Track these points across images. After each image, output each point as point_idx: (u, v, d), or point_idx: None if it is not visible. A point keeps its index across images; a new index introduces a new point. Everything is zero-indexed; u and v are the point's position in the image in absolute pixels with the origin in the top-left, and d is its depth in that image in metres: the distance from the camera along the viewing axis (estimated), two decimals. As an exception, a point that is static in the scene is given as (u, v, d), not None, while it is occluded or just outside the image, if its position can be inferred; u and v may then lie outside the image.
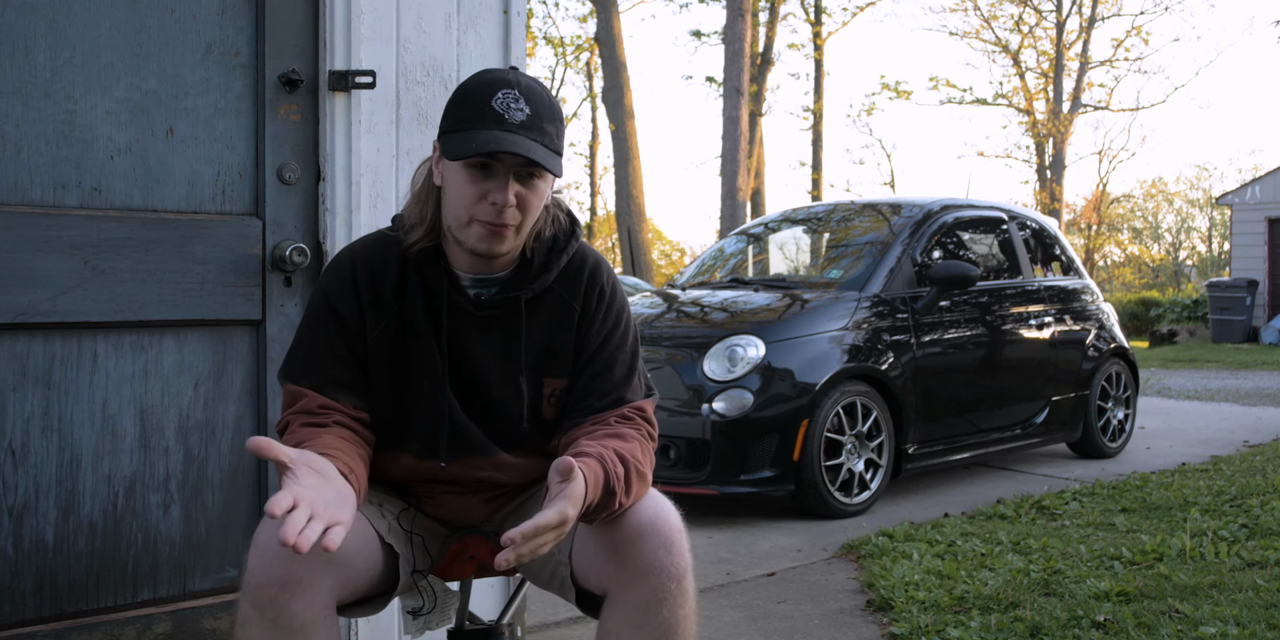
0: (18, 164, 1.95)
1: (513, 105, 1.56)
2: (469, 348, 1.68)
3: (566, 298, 1.72)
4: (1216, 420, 7.59)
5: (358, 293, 1.67)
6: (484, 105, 1.57)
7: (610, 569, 1.53)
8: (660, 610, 1.49)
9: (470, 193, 1.58)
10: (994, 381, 5.42)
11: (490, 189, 1.57)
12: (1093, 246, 30.63)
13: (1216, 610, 2.78)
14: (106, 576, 2.07)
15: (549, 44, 24.89)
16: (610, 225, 26.68)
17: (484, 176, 1.58)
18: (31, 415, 1.98)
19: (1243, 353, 13.82)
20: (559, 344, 1.71)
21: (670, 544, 1.51)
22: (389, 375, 1.68)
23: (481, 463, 1.71)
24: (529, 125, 1.57)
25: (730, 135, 15.72)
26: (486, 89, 1.58)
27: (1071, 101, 26.73)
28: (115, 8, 2.04)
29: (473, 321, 1.68)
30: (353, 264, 1.69)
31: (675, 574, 1.50)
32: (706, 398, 4.45)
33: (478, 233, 1.60)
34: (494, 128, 1.55)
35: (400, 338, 1.67)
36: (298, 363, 1.67)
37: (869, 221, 5.80)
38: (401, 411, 1.69)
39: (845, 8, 25.39)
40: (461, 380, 1.69)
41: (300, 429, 1.59)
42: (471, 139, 1.55)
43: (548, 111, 1.60)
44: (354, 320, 1.66)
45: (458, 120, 1.59)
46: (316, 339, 1.67)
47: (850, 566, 3.65)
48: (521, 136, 1.55)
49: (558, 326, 1.71)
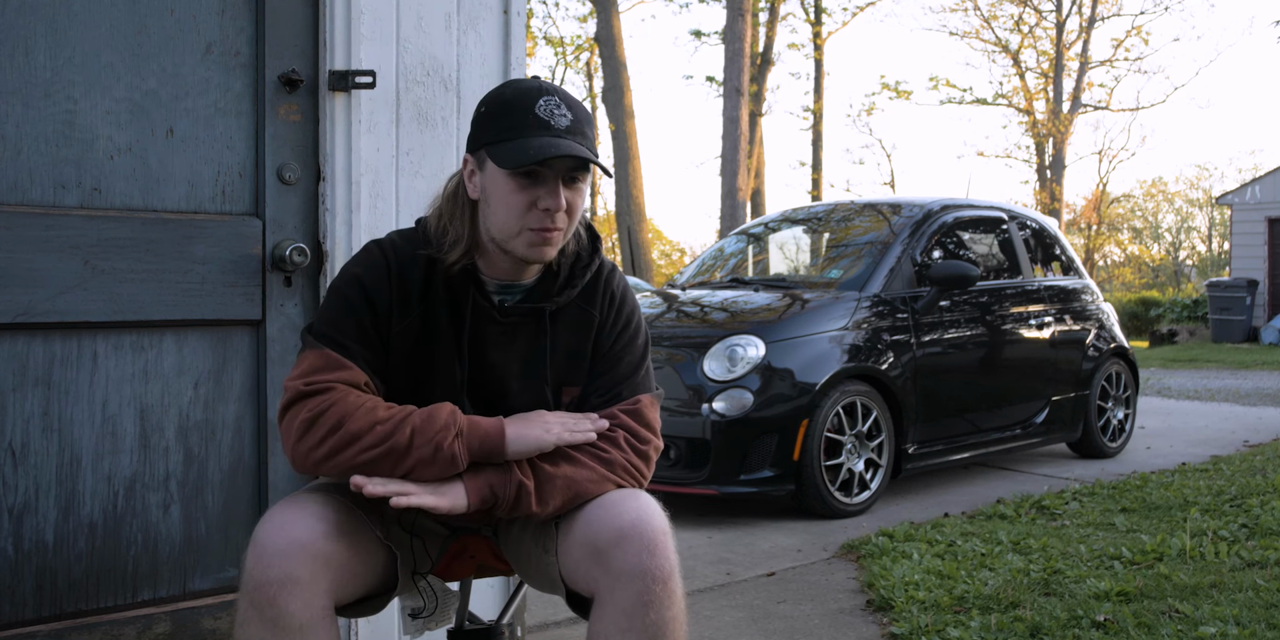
0: (18, 164, 1.95)
1: (556, 111, 1.58)
2: (490, 355, 1.68)
3: (585, 306, 1.73)
4: (1216, 420, 7.59)
5: (391, 284, 1.65)
6: (528, 113, 1.58)
7: (595, 572, 1.53)
8: (648, 613, 1.49)
9: (520, 201, 1.59)
10: (994, 381, 5.43)
11: (540, 195, 1.58)
12: (1093, 246, 30.62)
13: (1216, 610, 2.78)
14: (106, 576, 2.07)
15: (549, 44, 24.88)
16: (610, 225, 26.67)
17: (532, 184, 1.59)
18: (31, 415, 1.98)
19: (1243, 353, 13.82)
20: (579, 352, 1.73)
21: (654, 546, 1.51)
22: (406, 375, 1.67)
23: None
24: (574, 130, 1.59)
25: (730, 135, 15.72)
26: (527, 97, 1.60)
27: (1071, 101, 26.73)
28: (115, 8, 2.04)
29: (495, 328, 1.68)
30: (385, 257, 1.67)
31: (660, 576, 1.50)
32: (706, 398, 4.45)
33: (528, 240, 1.61)
34: (544, 134, 1.57)
35: (422, 339, 1.67)
36: (331, 335, 1.62)
37: (869, 221, 5.80)
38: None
39: (845, 8, 25.38)
40: (479, 387, 1.69)
41: (373, 398, 1.57)
42: (525, 147, 1.56)
43: (586, 117, 1.63)
44: (384, 307, 1.64)
45: (503, 130, 1.59)
46: (350, 318, 1.63)
47: (850, 566, 3.65)
48: (570, 141, 1.57)
49: (579, 335, 1.73)
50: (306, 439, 1.53)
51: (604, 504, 1.57)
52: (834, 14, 28.66)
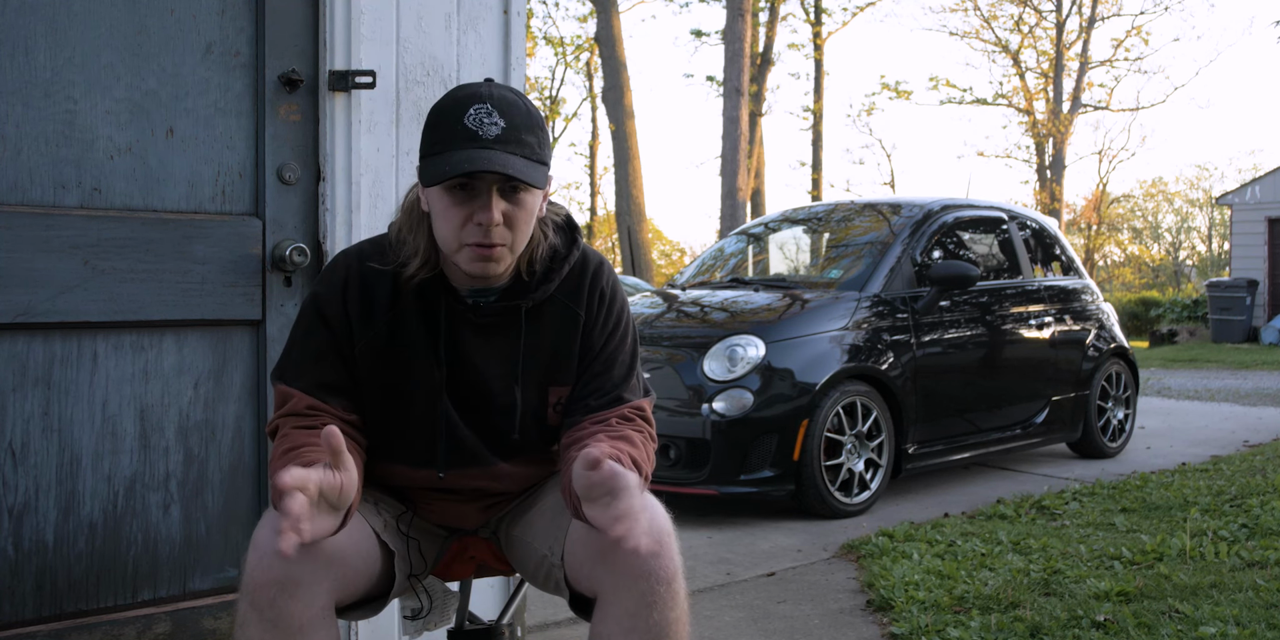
0: (18, 164, 1.95)
1: (485, 120, 1.51)
2: (468, 356, 1.66)
3: (569, 304, 1.69)
4: (1216, 420, 7.59)
5: (345, 303, 1.64)
6: (456, 124, 1.51)
7: (600, 573, 1.53)
8: (651, 614, 1.49)
9: (456, 217, 1.54)
10: (994, 381, 5.43)
11: (475, 209, 1.53)
12: (1093, 246, 30.63)
13: (1216, 610, 2.78)
14: (106, 576, 2.07)
15: (549, 44, 24.89)
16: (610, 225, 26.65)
17: (467, 198, 1.53)
18: (31, 415, 1.98)
19: (1243, 353, 13.82)
20: (564, 351, 1.69)
21: (659, 547, 1.50)
22: (382, 384, 1.66)
23: (478, 473, 1.70)
24: (505, 139, 1.51)
25: (730, 135, 15.72)
26: (458, 107, 1.53)
27: (1071, 101, 26.73)
28: (115, 8, 2.04)
29: (472, 329, 1.66)
30: (346, 271, 1.66)
31: (664, 577, 1.49)
32: (706, 398, 4.45)
33: (469, 256, 1.56)
34: (469, 146, 1.49)
35: (393, 347, 1.65)
36: (288, 364, 1.66)
37: (869, 221, 5.80)
38: (397, 421, 1.67)
39: (845, 8, 25.38)
40: (459, 389, 1.67)
41: (293, 431, 1.58)
42: (445, 161, 1.50)
43: (524, 121, 1.54)
44: (341, 327, 1.64)
45: (433, 143, 1.54)
46: (307, 342, 1.66)
47: (850, 566, 3.65)
48: (499, 151, 1.50)
49: (563, 333, 1.69)
50: None
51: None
52: (834, 14, 28.66)
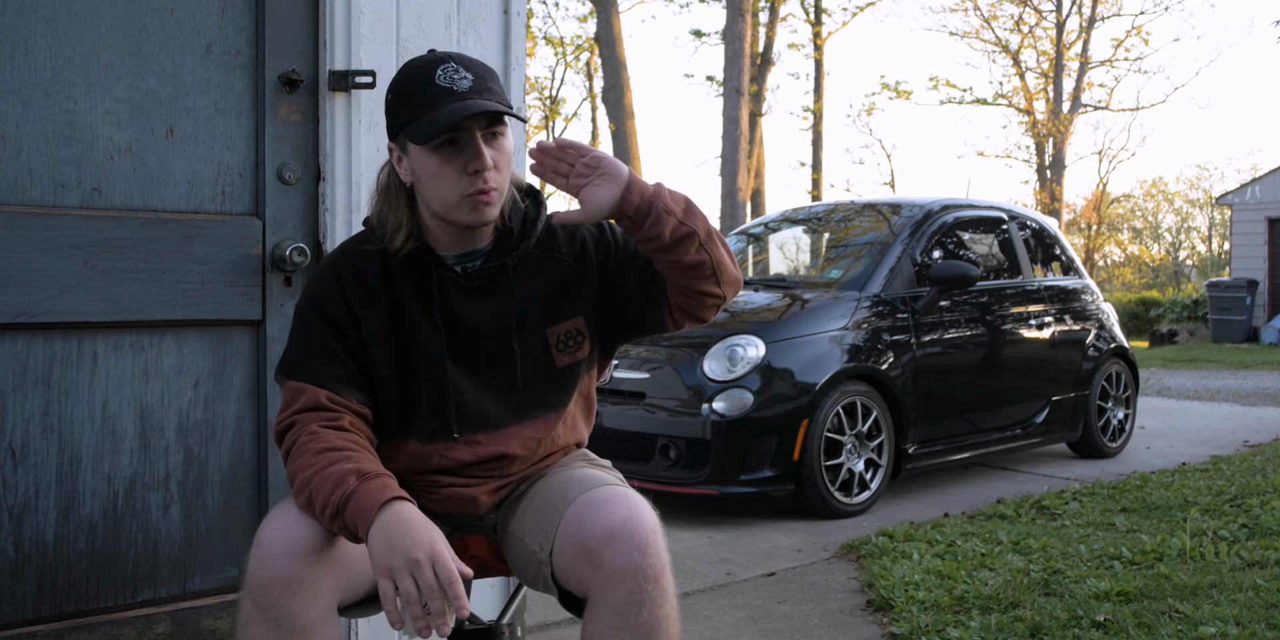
0: (18, 164, 1.95)
1: (456, 76, 1.59)
2: (465, 318, 1.71)
3: (547, 256, 1.76)
4: (1216, 420, 7.59)
5: (343, 292, 1.69)
6: (429, 87, 1.59)
7: (587, 572, 1.54)
8: (640, 612, 1.50)
9: (450, 172, 1.61)
10: (994, 381, 5.43)
11: (466, 160, 1.60)
12: (1093, 246, 30.62)
13: (1216, 610, 2.78)
14: (106, 576, 2.07)
15: (549, 44, 24.85)
16: (610, 225, 26.59)
17: (455, 152, 1.60)
18: (31, 415, 1.98)
19: (1243, 353, 13.82)
20: (557, 292, 1.75)
21: (645, 545, 1.51)
22: (391, 361, 1.70)
23: (486, 438, 1.73)
24: (479, 88, 1.60)
25: (730, 135, 15.72)
26: (424, 72, 1.61)
27: (1071, 101, 26.72)
28: (115, 8, 2.04)
29: (464, 294, 1.71)
30: (335, 265, 1.72)
31: (651, 575, 1.51)
32: (706, 397, 4.45)
33: (469, 206, 1.62)
34: (451, 101, 1.58)
35: (396, 322, 1.70)
36: (295, 361, 1.68)
37: (869, 221, 5.80)
38: (406, 395, 1.71)
39: (845, 8, 25.35)
40: (461, 351, 1.71)
41: (321, 430, 1.59)
42: (433, 119, 1.57)
43: (487, 72, 1.64)
44: (345, 319, 1.68)
45: (413, 109, 1.60)
46: (310, 341, 1.68)
47: (850, 566, 3.65)
48: (477, 99, 1.58)
49: (550, 279, 1.75)
50: (288, 474, 1.60)
51: (594, 503, 1.58)
52: (834, 14, 28.65)
